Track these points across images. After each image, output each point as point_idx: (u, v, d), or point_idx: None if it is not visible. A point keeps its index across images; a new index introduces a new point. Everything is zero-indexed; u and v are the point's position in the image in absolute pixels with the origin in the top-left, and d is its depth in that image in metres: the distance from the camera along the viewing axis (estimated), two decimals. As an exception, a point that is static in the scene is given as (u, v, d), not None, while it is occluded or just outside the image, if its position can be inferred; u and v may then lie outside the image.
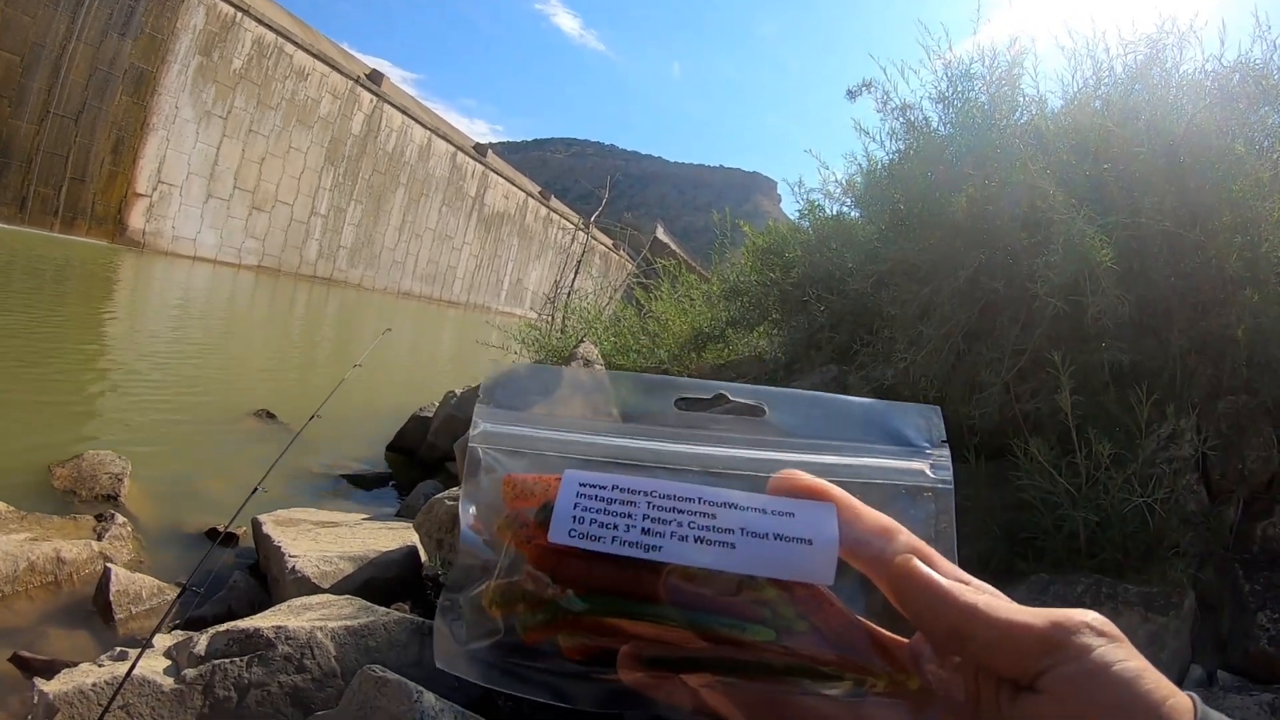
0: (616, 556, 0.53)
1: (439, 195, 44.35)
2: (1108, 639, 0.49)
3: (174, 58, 27.72)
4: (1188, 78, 3.62)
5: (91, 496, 5.36)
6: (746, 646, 0.52)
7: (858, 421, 0.63)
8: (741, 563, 0.52)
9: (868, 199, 4.84)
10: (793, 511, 0.54)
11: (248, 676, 3.06)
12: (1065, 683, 0.47)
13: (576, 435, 0.63)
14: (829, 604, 0.53)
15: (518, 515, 0.57)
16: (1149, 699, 0.46)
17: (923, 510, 0.60)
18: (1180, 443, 3.08)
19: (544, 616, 0.54)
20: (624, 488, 0.55)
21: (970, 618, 0.51)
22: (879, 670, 0.52)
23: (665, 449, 0.62)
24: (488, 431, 0.63)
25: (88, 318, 13.86)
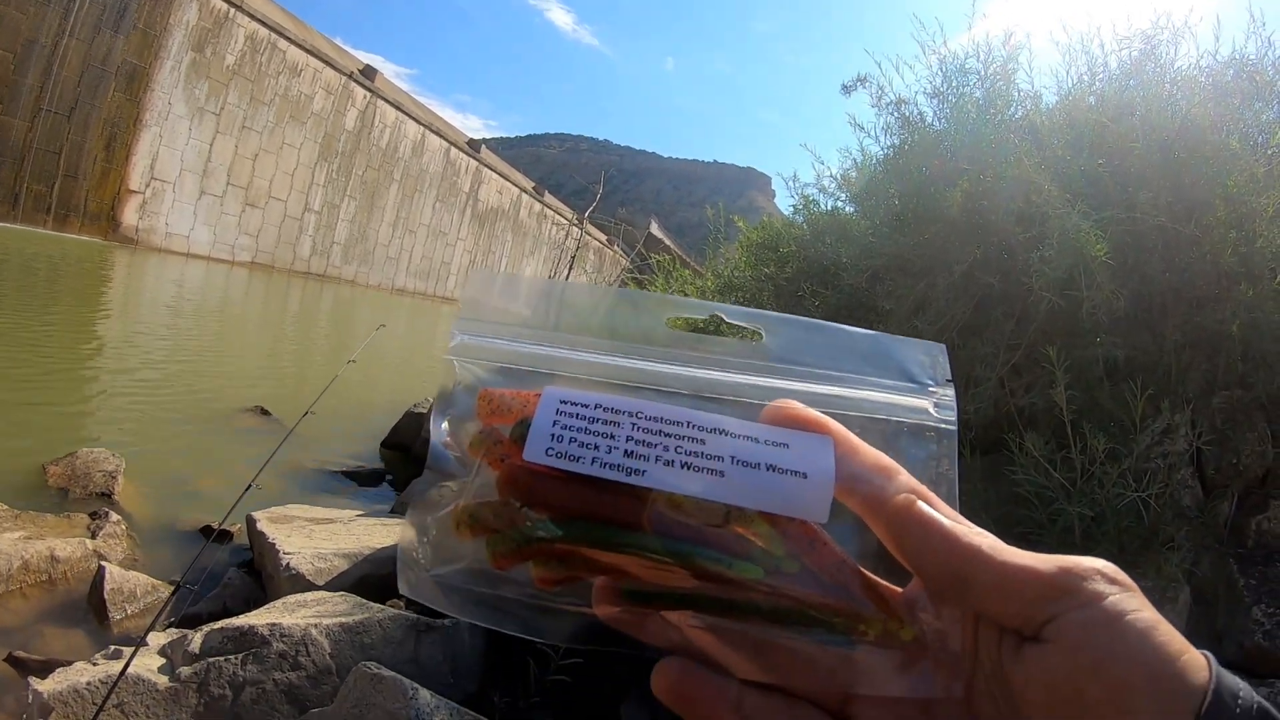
0: (596, 480, 0.50)
1: (433, 191, 44.32)
2: (1120, 587, 0.46)
3: (167, 54, 27.66)
4: (1182, 73, 3.62)
5: (85, 494, 5.35)
6: (732, 584, 0.49)
7: (859, 353, 0.60)
8: (731, 493, 0.49)
9: (863, 194, 4.84)
10: (787, 442, 0.51)
11: (242, 674, 3.05)
12: (1075, 631, 0.45)
13: (560, 351, 0.60)
14: (822, 544, 0.50)
15: (492, 432, 0.54)
16: (1164, 651, 0.43)
17: (924, 450, 0.57)
18: (1175, 437, 3.09)
19: (515, 542, 0.51)
20: (608, 407, 0.52)
21: (973, 561, 0.48)
22: (872, 617, 0.50)
23: (653, 369, 0.59)
24: (465, 344, 0.60)
25: (81, 315, 13.83)
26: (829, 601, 0.49)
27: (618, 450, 0.50)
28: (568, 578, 0.51)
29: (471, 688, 3.37)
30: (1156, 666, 0.43)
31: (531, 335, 0.60)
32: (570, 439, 0.51)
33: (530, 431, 0.51)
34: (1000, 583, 0.47)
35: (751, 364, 0.60)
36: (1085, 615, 0.45)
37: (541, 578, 0.51)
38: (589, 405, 0.52)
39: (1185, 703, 0.42)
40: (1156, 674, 0.42)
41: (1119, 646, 0.43)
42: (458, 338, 0.60)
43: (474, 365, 0.58)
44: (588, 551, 0.50)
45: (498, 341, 0.60)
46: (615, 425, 0.51)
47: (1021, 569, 0.47)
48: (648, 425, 0.51)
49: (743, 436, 0.51)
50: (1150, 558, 2.94)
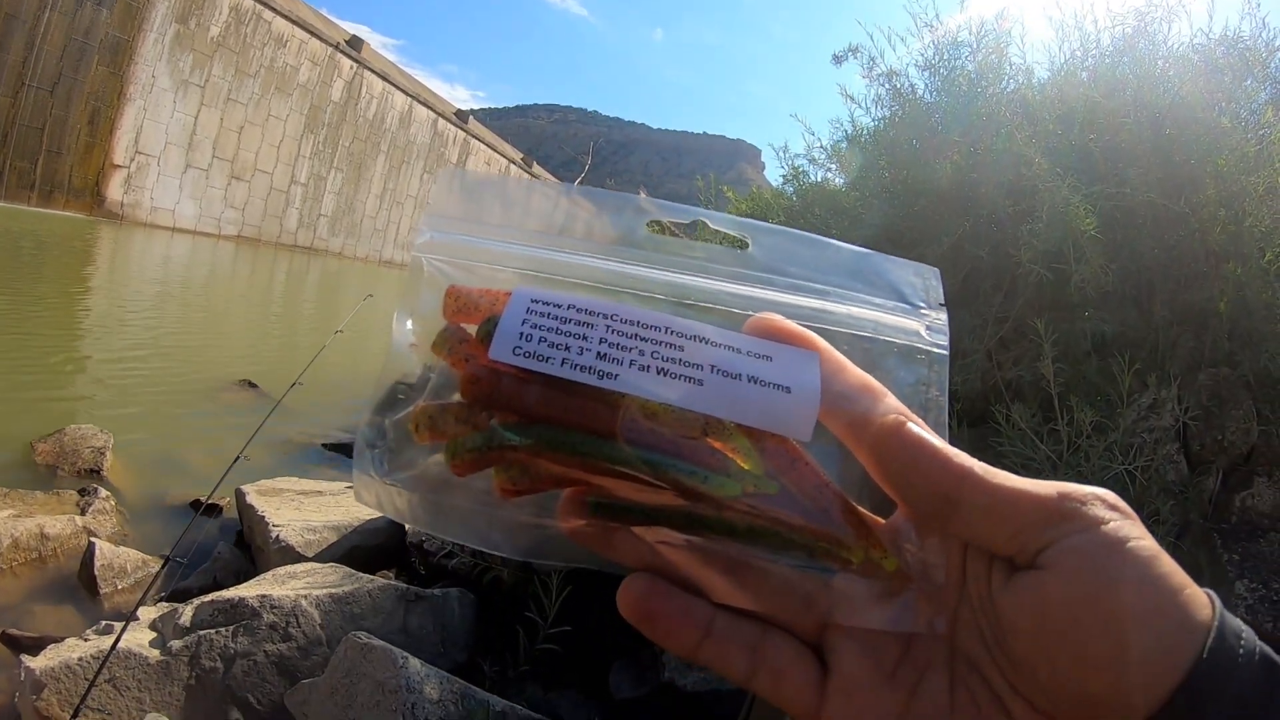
0: (566, 383, 0.48)
1: (420, 162, 44.12)
2: (1121, 514, 0.44)
3: (150, 26, 27.41)
4: (1175, 51, 3.61)
5: (74, 471, 5.33)
6: (707, 500, 0.47)
7: (849, 269, 0.58)
8: (709, 402, 0.47)
9: (852, 165, 4.83)
10: (771, 355, 0.49)
11: (233, 646, 3.06)
12: (1073, 557, 0.42)
13: (533, 250, 0.57)
14: (804, 464, 0.48)
15: (457, 330, 0.52)
16: (1167, 582, 0.41)
17: (913, 374, 0.55)
18: (1161, 413, 3.10)
19: (477, 446, 0.48)
20: (581, 308, 0.50)
21: (965, 483, 0.46)
22: (853, 544, 0.48)
23: (631, 271, 0.57)
24: (434, 240, 0.57)
25: (67, 292, 13.73)
26: (809, 525, 0.48)
27: (590, 352, 0.48)
28: (531, 487, 0.50)
29: (461, 657, 3.38)
30: (1158, 597, 0.41)
31: (503, 234, 0.58)
32: (540, 339, 0.48)
33: (497, 329, 0.49)
34: (994, 506, 0.45)
35: (736, 272, 0.57)
36: (1083, 540, 0.43)
37: (504, 487, 0.49)
38: (561, 305, 0.50)
39: (1187, 639, 0.41)
40: (1158, 605, 0.41)
41: (1119, 575, 0.41)
42: (426, 234, 0.58)
43: (442, 263, 0.56)
44: (553, 459, 0.48)
45: (468, 239, 0.57)
46: (588, 327, 0.49)
47: (1017, 492, 0.45)
48: (623, 329, 0.49)
49: (724, 346, 0.49)
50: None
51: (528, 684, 3.27)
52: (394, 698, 2.63)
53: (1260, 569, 2.90)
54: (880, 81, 4.55)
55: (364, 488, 0.52)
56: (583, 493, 0.49)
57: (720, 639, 0.49)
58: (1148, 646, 0.40)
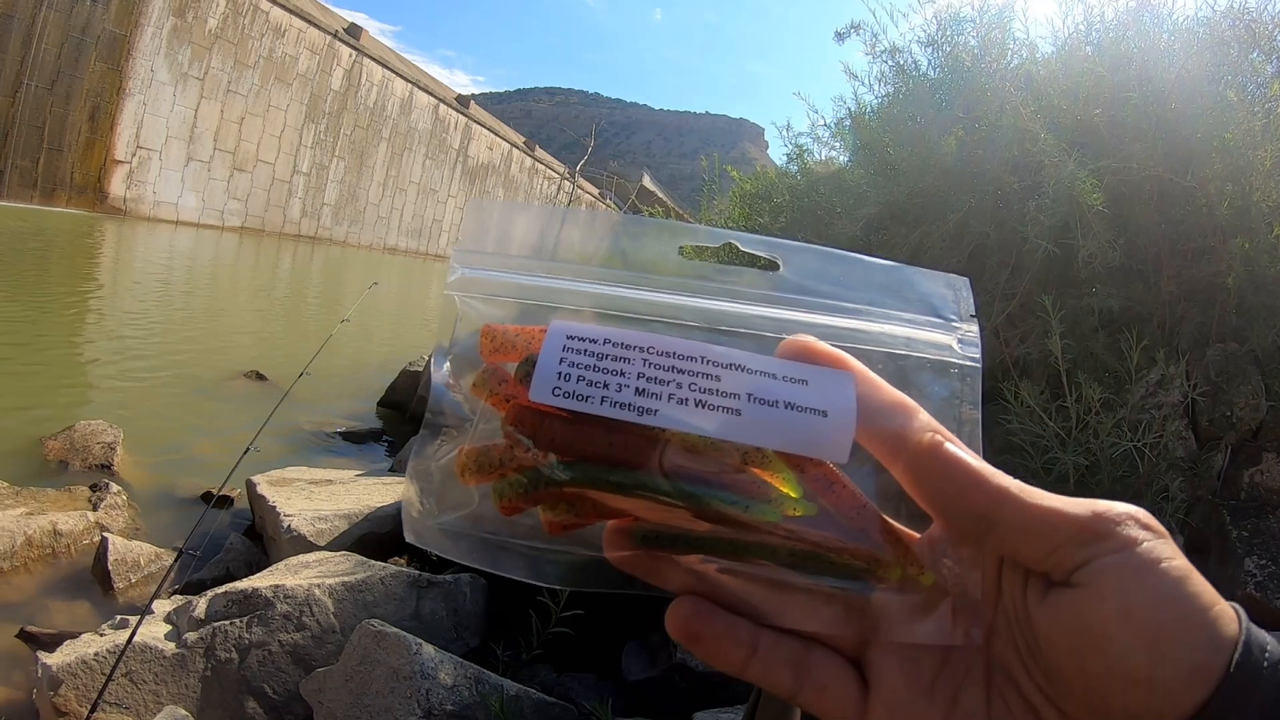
0: (606, 419, 0.48)
1: (422, 149, 44.08)
2: (1154, 534, 0.45)
3: (147, 20, 27.35)
4: (1180, 25, 3.59)
5: (85, 467, 5.36)
6: (748, 527, 0.48)
7: (879, 284, 0.57)
8: (748, 432, 0.47)
9: (856, 143, 4.82)
10: (806, 379, 0.49)
11: (248, 637, 3.08)
12: (1107, 576, 0.43)
13: (567, 282, 0.57)
14: (841, 486, 0.49)
15: (496, 371, 0.52)
16: (1197, 601, 0.42)
17: (946, 389, 0.55)
18: (1169, 388, 3.09)
19: (523, 486, 0.49)
20: (617, 342, 0.50)
21: (1002, 502, 0.46)
22: (891, 562, 0.48)
23: (665, 300, 0.57)
24: (466, 277, 0.57)
25: (73, 288, 13.77)
26: (847, 545, 0.48)
27: (628, 388, 0.48)
28: (578, 522, 0.50)
29: (474, 642, 3.40)
30: (1189, 615, 0.42)
31: (536, 266, 0.58)
32: (578, 377, 0.48)
33: (536, 370, 0.49)
34: (1030, 525, 0.46)
35: (768, 295, 0.57)
36: (1118, 560, 0.43)
37: (550, 522, 0.50)
38: (598, 340, 0.50)
39: (1216, 654, 0.41)
40: (1189, 623, 0.42)
41: (1152, 593, 0.42)
42: (458, 271, 0.57)
43: (476, 300, 0.56)
44: (598, 495, 0.49)
45: (500, 274, 0.57)
46: (626, 361, 0.49)
47: (1053, 511, 0.45)
48: (660, 361, 0.49)
49: (760, 372, 0.49)
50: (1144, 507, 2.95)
51: (540, 667, 3.29)
52: (408, 684, 2.65)
53: (1269, 545, 2.90)
54: (883, 58, 4.53)
55: (415, 529, 0.53)
56: (628, 524, 0.50)
57: (765, 657, 0.50)
58: (1179, 662, 0.41)
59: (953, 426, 0.51)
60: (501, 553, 0.53)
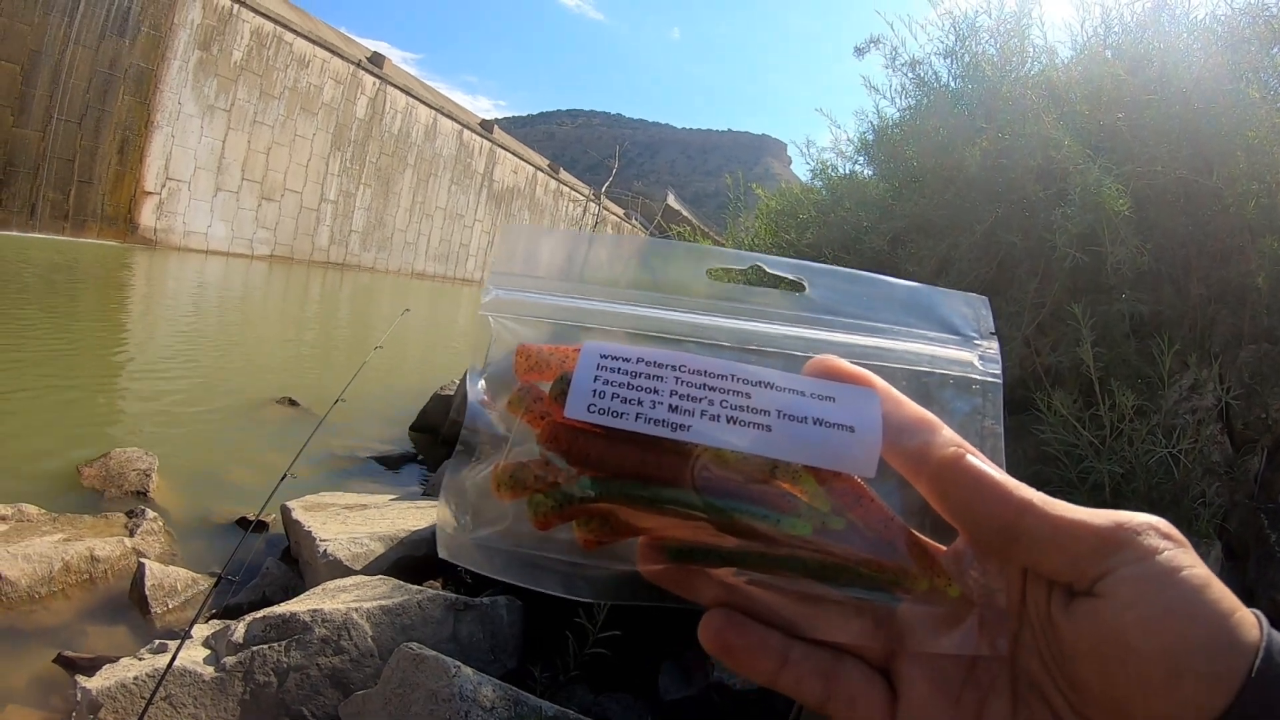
0: (639, 436, 0.49)
1: (447, 174, 44.26)
2: (1174, 543, 0.45)
3: (173, 54, 27.65)
4: (1198, 23, 3.58)
5: (121, 493, 5.41)
6: (778, 541, 0.49)
7: (902, 304, 0.59)
8: (778, 447, 0.48)
9: (880, 156, 4.82)
10: (834, 395, 0.51)
11: (286, 660, 3.09)
12: (1129, 585, 0.44)
13: (598, 304, 0.58)
14: (868, 500, 0.50)
15: (531, 389, 0.53)
16: (1217, 608, 0.43)
17: (969, 404, 0.56)
18: (1203, 392, 3.07)
19: (557, 502, 0.50)
20: (650, 361, 0.51)
21: (1025, 514, 0.47)
22: (918, 574, 0.49)
23: (695, 321, 0.58)
24: (500, 298, 0.58)
25: (105, 317, 13.92)
26: (874, 558, 0.49)
27: (662, 405, 0.49)
28: (612, 537, 0.51)
29: (511, 663, 3.40)
30: (1209, 623, 0.43)
31: (568, 288, 0.59)
32: (612, 394, 0.50)
33: (571, 387, 0.50)
34: (1053, 536, 0.47)
35: (794, 315, 0.59)
36: (1139, 570, 0.44)
37: (585, 538, 0.51)
38: (631, 359, 0.51)
39: (1236, 661, 0.42)
40: (1209, 631, 0.42)
41: (1173, 602, 0.43)
42: (492, 293, 0.59)
43: (510, 320, 0.57)
44: (631, 510, 0.50)
45: (534, 295, 0.59)
46: (658, 380, 0.50)
47: (1075, 523, 0.46)
48: (691, 379, 0.50)
49: (788, 390, 0.51)
50: (1181, 513, 2.93)
51: (577, 688, 3.29)
52: (448, 706, 2.65)
53: (1309, 549, 2.87)
54: (903, 71, 4.53)
55: (450, 545, 0.54)
56: (661, 539, 0.51)
57: (796, 667, 0.51)
58: (1200, 671, 0.42)
59: (976, 441, 0.53)
60: (535, 568, 0.54)
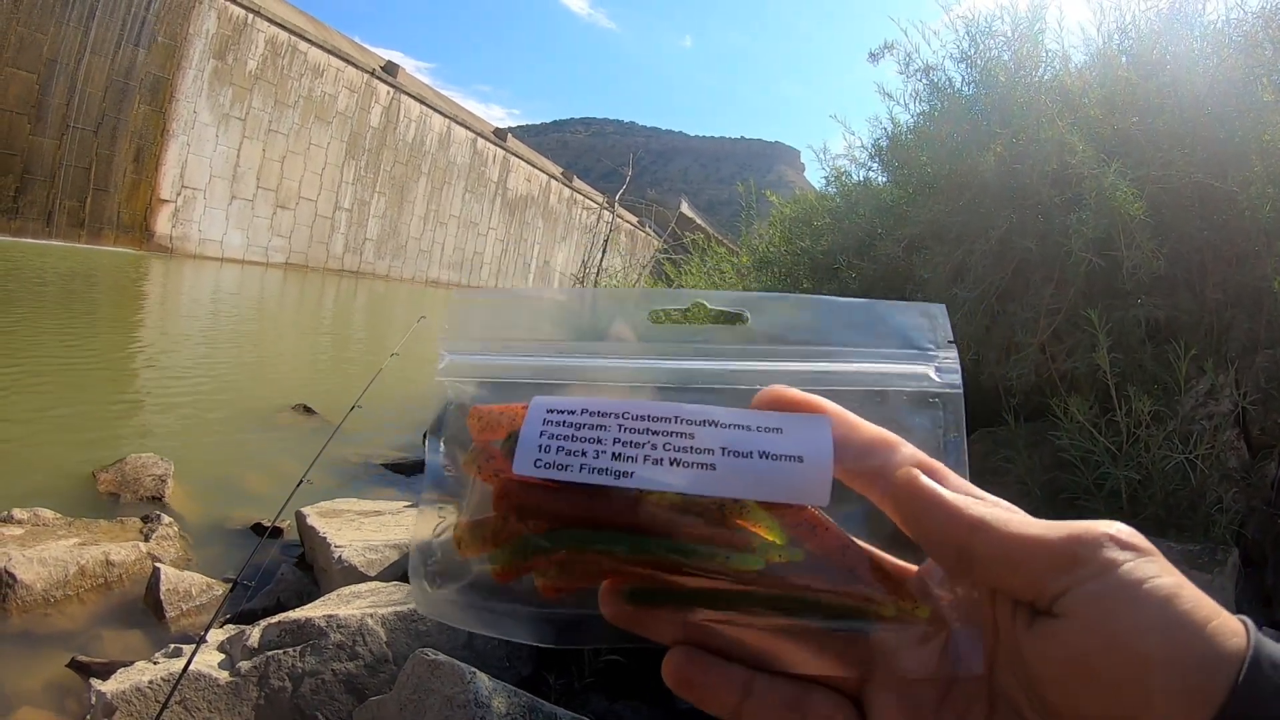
0: (587, 486, 0.50)
1: (461, 182, 44.36)
2: (1136, 552, 0.43)
3: (189, 63, 27.81)
4: (1212, 27, 3.57)
5: (136, 499, 5.43)
6: (734, 577, 0.49)
7: (851, 323, 0.58)
8: (722, 485, 0.49)
9: (894, 162, 4.81)
10: (780, 427, 0.51)
11: (301, 666, 3.10)
12: (1088, 605, 0.42)
13: (544, 359, 0.60)
14: (824, 528, 0.49)
15: (485, 448, 0.54)
16: (1188, 619, 0.41)
17: (928, 418, 0.55)
18: (1219, 398, 3.06)
19: (515, 555, 0.51)
20: (594, 410, 0.52)
21: (977, 533, 0.46)
22: (883, 599, 0.49)
23: (640, 365, 0.59)
24: (452, 363, 0.61)
25: (122, 324, 13.99)
26: (837, 587, 0.49)
27: (605, 454, 0.50)
28: (571, 585, 0.52)
29: (526, 670, 3.40)
30: (1179, 636, 0.41)
31: (516, 347, 0.61)
32: (558, 448, 0.51)
33: (518, 444, 0.52)
34: (1006, 555, 0.45)
35: (739, 349, 0.59)
36: (1098, 586, 0.43)
37: (545, 587, 0.52)
38: (575, 411, 0.53)
39: (1215, 674, 0.40)
40: (1179, 645, 0.40)
41: (1135, 618, 0.41)
42: (446, 358, 0.61)
43: (463, 384, 0.59)
44: (584, 558, 0.50)
45: (483, 357, 0.61)
46: (602, 429, 0.51)
47: (1028, 539, 0.45)
48: (634, 425, 0.51)
49: (733, 425, 0.51)
50: (1198, 520, 2.92)
51: (593, 695, 3.28)
52: (463, 712, 2.65)
53: (1329, 555, 2.85)
54: (917, 77, 4.53)
55: (423, 601, 0.56)
56: (620, 583, 0.51)
57: (760, 699, 0.51)
58: (1172, 688, 0.40)
59: (937, 454, 0.52)
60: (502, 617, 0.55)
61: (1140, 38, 3.78)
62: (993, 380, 3.59)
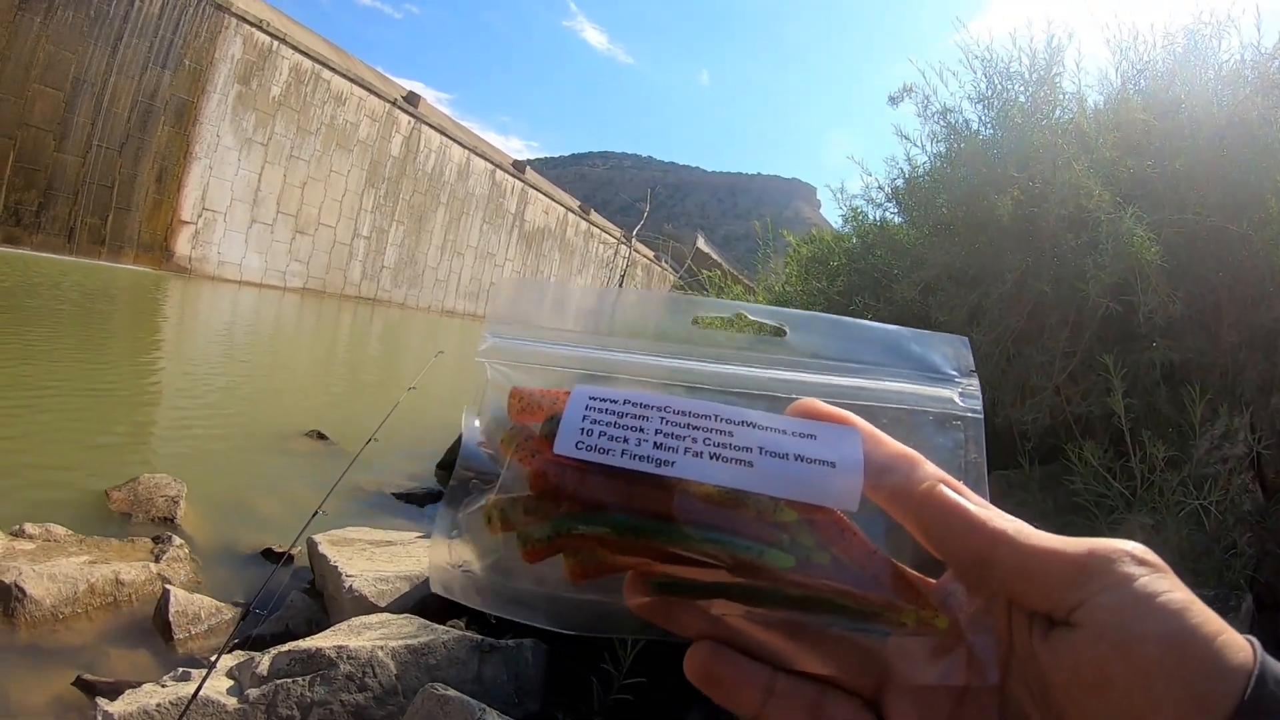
0: (626, 472, 0.51)
1: (479, 213, 44.58)
2: (1151, 568, 0.45)
3: (214, 87, 28.11)
4: (1227, 67, 3.58)
5: (148, 519, 5.43)
6: (763, 574, 0.50)
7: (882, 346, 0.61)
8: (759, 482, 0.50)
9: (911, 204, 4.82)
10: (814, 434, 0.52)
11: (310, 695, 3.09)
12: (1103, 614, 0.44)
13: (588, 351, 0.61)
14: (851, 534, 0.51)
15: (523, 429, 0.55)
16: (1199, 633, 0.42)
17: (950, 439, 0.57)
18: (1234, 441, 3.04)
19: (546, 535, 0.52)
20: (636, 402, 0.53)
21: (998, 545, 0.48)
22: (904, 607, 0.50)
23: (681, 366, 0.61)
24: (495, 346, 0.62)
25: (138, 343, 14.06)
26: (860, 591, 0.50)
27: (647, 443, 0.51)
28: (598, 570, 0.52)
29: (534, 706, 3.39)
30: (1188, 647, 0.42)
31: (558, 336, 0.62)
32: (600, 433, 0.52)
33: (560, 426, 0.53)
34: (1026, 566, 0.47)
35: (776, 359, 0.61)
36: (1113, 598, 0.44)
37: (573, 570, 0.53)
38: (618, 401, 0.53)
39: (1222, 682, 0.41)
40: (1188, 654, 0.42)
41: (1147, 628, 0.42)
42: (488, 340, 0.62)
43: (504, 366, 0.60)
44: (617, 542, 0.51)
45: (526, 343, 0.62)
46: (644, 419, 0.52)
47: (1047, 552, 0.47)
48: (676, 419, 0.52)
49: (770, 429, 0.52)
50: (1212, 564, 2.90)
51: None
52: (470, 746, 2.64)
53: (1342, 599, 2.83)
54: (934, 119, 4.55)
55: (441, 577, 0.56)
56: (646, 572, 0.52)
57: (782, 700, 0.51)
58: (1180, 697, 0.41)
59: (959, 474, 0.54)
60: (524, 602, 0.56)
61: (1155, 77, 3.79)
62: (1007, 423, 3.58)
